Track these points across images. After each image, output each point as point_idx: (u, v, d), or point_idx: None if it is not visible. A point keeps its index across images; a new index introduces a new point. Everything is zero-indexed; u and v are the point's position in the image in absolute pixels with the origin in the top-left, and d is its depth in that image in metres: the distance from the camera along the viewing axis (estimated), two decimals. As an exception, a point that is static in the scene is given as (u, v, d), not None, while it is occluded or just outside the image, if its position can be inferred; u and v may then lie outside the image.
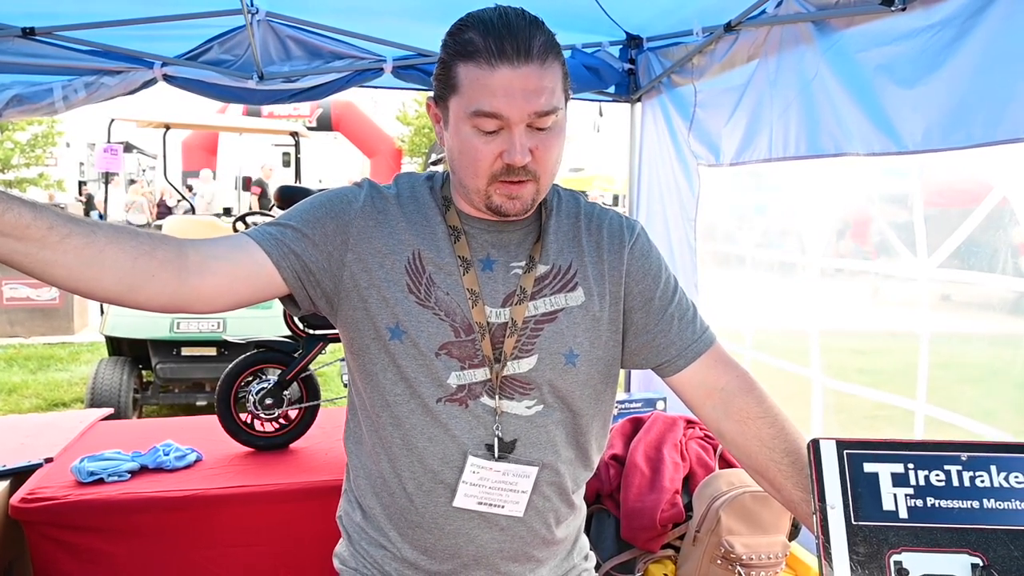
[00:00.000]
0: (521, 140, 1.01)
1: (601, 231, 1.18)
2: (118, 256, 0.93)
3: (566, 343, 1.12)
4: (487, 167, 1.04)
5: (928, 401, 1.88)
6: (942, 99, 1.62)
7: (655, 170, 2.99)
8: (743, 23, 2.25)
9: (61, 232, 0.89)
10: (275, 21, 2.57)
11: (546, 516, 1.16)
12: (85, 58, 2.52)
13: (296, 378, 2.50)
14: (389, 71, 2.70)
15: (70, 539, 2.08)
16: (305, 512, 2.23)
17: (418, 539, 1.14)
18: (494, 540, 1.13)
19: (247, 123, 9.02)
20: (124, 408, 4.61)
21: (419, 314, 1.09)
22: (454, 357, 1.09)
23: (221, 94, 2.70)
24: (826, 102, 1.98)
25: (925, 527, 0.93)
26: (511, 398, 1.11)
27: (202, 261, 1.01)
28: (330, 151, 15.90)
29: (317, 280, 1.10)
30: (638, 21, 2.70)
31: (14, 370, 6.68)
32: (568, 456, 1.16)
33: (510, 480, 1.11)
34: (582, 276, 1.15)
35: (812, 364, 2.28)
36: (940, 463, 0.96)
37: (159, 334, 4.68)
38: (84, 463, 2.22)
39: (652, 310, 1.18)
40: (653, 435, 2.12)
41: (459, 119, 1.04)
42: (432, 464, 1.11)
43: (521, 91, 1.00)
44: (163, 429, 2.71)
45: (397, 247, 1.10)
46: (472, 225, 1.13)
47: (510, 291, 1.11)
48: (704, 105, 2.59)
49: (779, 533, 1.84)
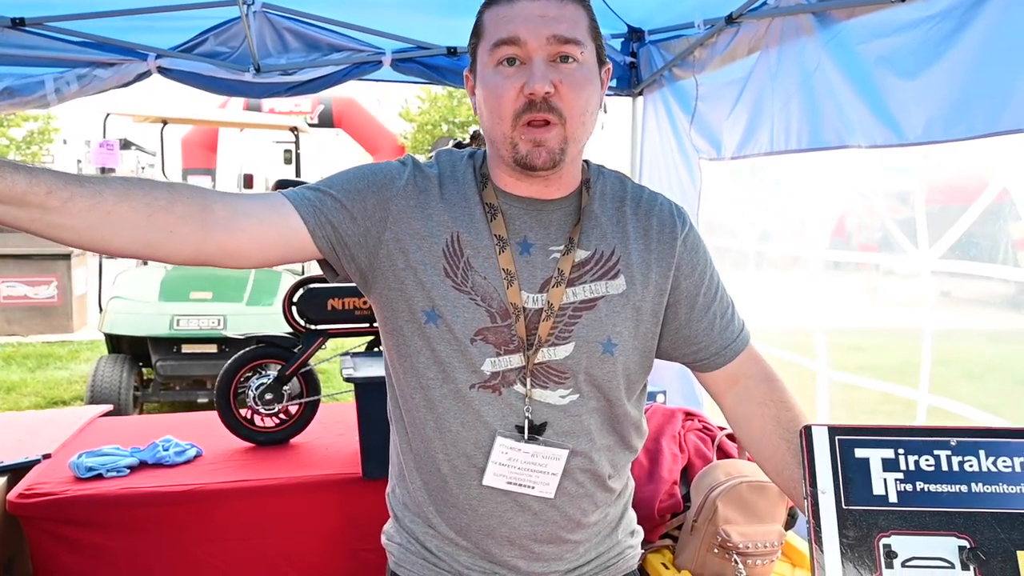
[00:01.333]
0: (540, 68, 0.99)
1: (651, 218, 1.14)
2: (129, 215, 0.91)
3: (605, 332, 1.09)
4: (510, 104, 1.00)
5: (931, 393, 1.90)
6: (943, 90, 1.62)
7: (657, 164, 2.99)
8: (744, 15, 2.25)
9: (61, 196, 0.86)
10: (272, 12, 2.53)
11: (580, 502, 1.14)
12: (77, 50, 2.49)
13: (296, 373, 2.49)
14: (388, 64, 2.68)
15: (69, 534, 2.07)
16: (305, 507, 2.23)
17: (454, 518, 1.14)
18: (527, 523, 1.12)
19: (247, 118, 8.99)
20: (124, 406, 4.60)
21: (455, 299, 1.06)
22: (489, 343, 1.07)
23: (217, 87, 2.66)
24: (827, 94, 1.97)
25: (914, 511, 0.95)
26: (544, 386, 1.09)
27: (230, 216, 0.98)
28: (332, 148, 15.87)
29: (352, 254, 1.08)
30: (639, 14, 2.69)
31: (12, 368, 6.67)
32: (604, 443, 1.15)
33: (540, 462, 1.09)
34: (625, 263, 1.11)
35: (817, 356, 2.28)
36: (930, 448, 0.98)
37: (159, 331, 4.66)
38: (82, 458, 2.22)
39: (696, 306, 1.16)
40: (652, 427, 2.14)
41: (484, 64, 1.04)
42: (465, 448, 1.10)
43: (539, 16, 1.00)
44: (162, 425, 2.70)
45: (436, 229, 1.08)
46: (510, 203, 1.10)
47: (548, 276, 1.08)
48: (705, 98, 2.59)
49: (775, 522, 1.85)
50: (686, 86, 2.68)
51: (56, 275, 7.72)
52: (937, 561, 0.93)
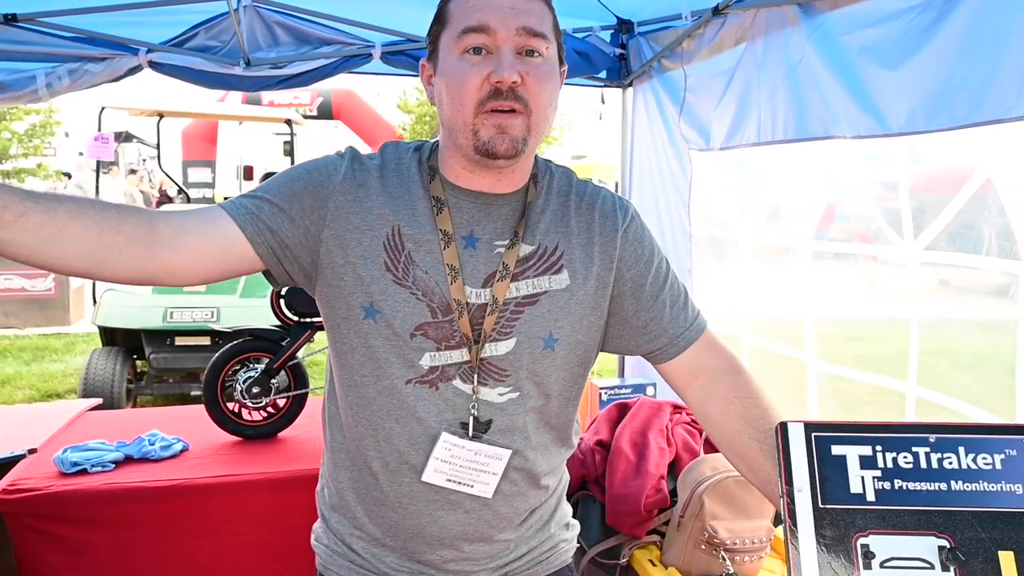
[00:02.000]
0: (509, 58, 0.99)
1: (593, 211, 1.14)
2: (80, 233, 0.91)
3: (546, 327, 1.09)
4: (474, 92, 1.00)
5: (920, 383, 1.89)
6: (925, 80, 1.61)
7: (648, 155, 2.98)
8: (730, 6, 2.24)
9: (16, 211, 0.87)
10: (262, 7, 2.54)
11: (514, 501, 1.15)
12: (69, 45, 2.49)
13: (284, 366, 2.49)
14: (378, 57, 2.67)
15: (52, 530, 2.06)
16: (292, 501, 2.22)
17: (383, 517, 1.13)
18: (457, 522, 1.12)
19: (244, 111, 8.97)
20: (117, 398, 4.60)
21: (395, 293, 1.06)
22: (430, 338, 1.06)
23: (208, 81, 2.67)
24: (812, 85, 1.97)
25: (892, 510, 0.93)
26: (484, 383, 1.08)
27: (173, 235, 0.98)
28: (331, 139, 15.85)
29: (294, 255, 1.07)
30: (628, 5, 2.68)
31: (8, 361, 6.67)
32: (539, 441, 1.15)
33: (482, 460, 1.09)
34: (568, 258, 1.11)
35: (808, 348, 2.27)
36: (908, 445, 0.96)
37: (152, 324, 4.66)
38: (67, 453, 2.21)
39: (643, 296, 1.15)
40: (639, 421, 2.12)
41: (448, 52, 1.03)
42: (398, 444, 1.09)
43: (509, 7, 1.00)
44: (151, 419, 2.70)
45: (376, 223, 1.06)
46: (457, 196, 1.09)
47: (491, 271, 1.08)
48: (694, 89, 2.58)
49: (763, 518, 1.84)
50: (675, 77, 2.67)
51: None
52: (916, 561, 0.91)
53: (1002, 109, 1.45)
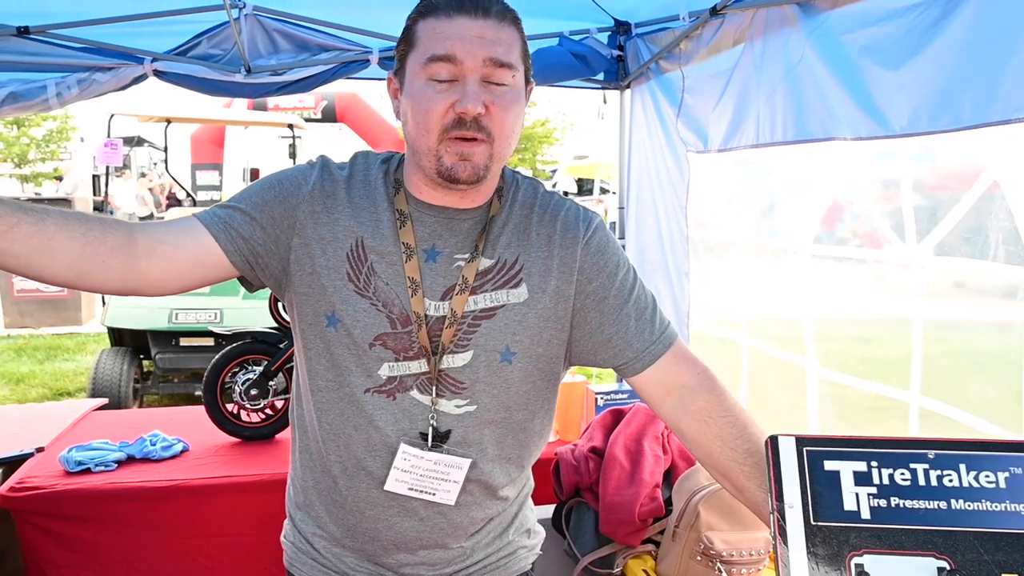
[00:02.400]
0: (474, 88, 1.00)
1: (555, 223, 1.14)
2: (67, 243, 0.95)
3: (503, 341, 1.10)
4: (438, 119, 1.01)
5: (924, 392, 1.83)
6: (929, 80, 1.57)
7: (646, 157, 2.95)
8: (728, 7, 2.21)
9: (8, 222, 0.91)
10: (262, 15, 2.59)
11: (469, 511, 1.16)
12: (78, 55, 2.58)
13: (281, 369, 2.51)
14: (375, 62, 2.71)
15: (56, 528, 2.11)
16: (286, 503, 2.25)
17: (342, 519, 1.16)
18: (412, 529, 1.14)
19: (246, 116, 9.06)
20: (124, 397, 4.66)
21: (356, 303, 1.08)
22: (388, 348, 1.08)
23: (210, 88, 2.72)
24: (812, 86, 1.94)
25: (889, 528, 0.89)
26: (442, 395, 1.10)
27: (151, 246, 1.02)
28: (335, 142, 15.92)
29: (266, 263, 1.10)
30: (625, 6, 2.67)
31: (23, 360, 6.78)
32: (497, 455, 1.15)
33: (442, 470, 1.11)
34: (527, 272, 1.11)
35: (807, 353, 2.23)
36: (905, 461, 0.92)
37: (158, 325, 4.73)
38: (72, 453, 2.26)
39: (606, 309, 1.13)
40: (634, 427, 2.07)
41: (414, 74, 1.04)
42: (356, 451, 1.11)
43: (477, 38, 1.01)
44: (154, 419, 2.74)
45: (341, 234, 1.09)
46: (421, 210, 1.10)
47: (451, 284, 1.09)
48: (692, 91, 2.55)
49: (761, 529, 1.78)
50: (673, 79, 2.65)
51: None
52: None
53: (1010, 109, 1.40)
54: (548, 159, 22.89)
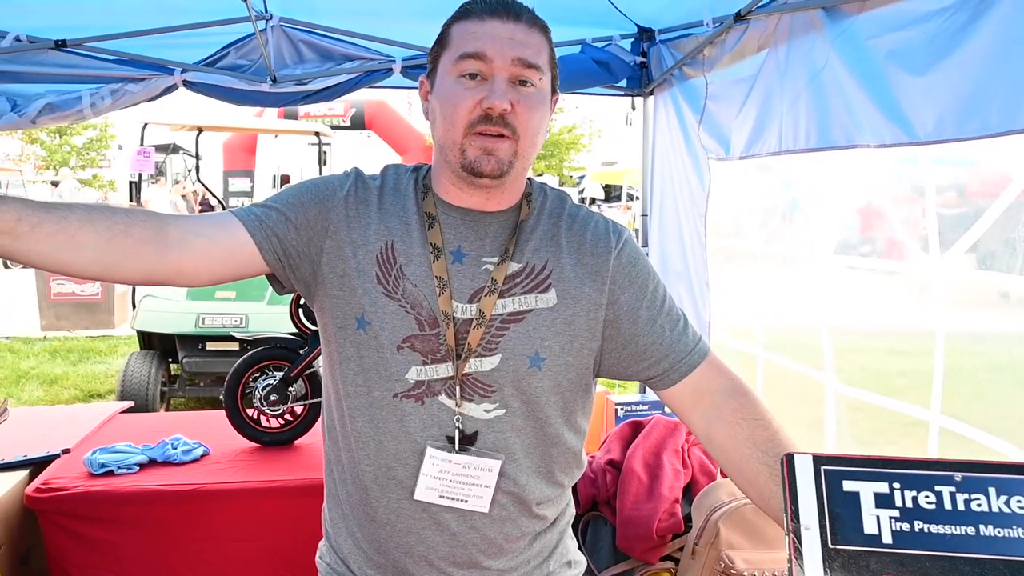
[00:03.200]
0: (502, 86, 1.04)
1: (584, 233, 1.15)
2: (91, 238, 0.97)
3: (532, 345, 1.09)
4: (465, 114, 1.04)
5: (944, 411, 1.77)
6: (956, 86, 1.53)
7: (668, 164, 2.93)
8: (753, 12, 2.18)
9: (30, 222, 0.93)
10: (288, 26, 2.65)
11: (503, 526, 1.12)
12: (111, 67, 2.67)
13: (301, 375, 2.53)
14: (398, 71, 2.74)
15: (79, 528, 2.15)
16: (307, 508, 2.23)
17: (373, 534, 1.14)
18: (444, 543, 1.11)
19: (276, 124, 9.21)
20: (152, 400, 4.74)
21: (385, 305, 1.08)
22: (416, 351, 1.08)
23: (237, 98, 2.78)
24: (836, 92, 1.89)
25: (912, 554, 0.85)
26: (470, 399, 1.08)
27: (183, 237, 1.03)
28: (363, 149, 16.09)
29: (296, 265, 1.12)
30: (648, 13, 2.65)
31: (57, 362, 6.94)
32: (528, 466, 1.12)
33: (472, 473, 1.09)
34: (557, 277, 1.11)
35: (826, 367, 2.19)
36: (930, 483, 0.87)
37: (185, 329, 4.80)
38: (96, 455, 2.30)
39: (640, 320, 1.14)
40: (653, 440, 2.04)
41: (445, 72, 1.08)
42: (386, 459, 1.10)
43: (507, 38, 1.05)
44: (175, 423, 2.78)
45: (372, 238, 1.11)
46: (448, 213, 1.12)
47: (479, 286, 1.09)
48: (715, 97, 2.52)
49: (785, 549, 1.75)
50: (696, 85, 2.61)
51: (100, 273, 7.98)
52: (940, 612, 0.82)
53: None
54: (576, 165, 22.87)
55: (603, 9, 2.50)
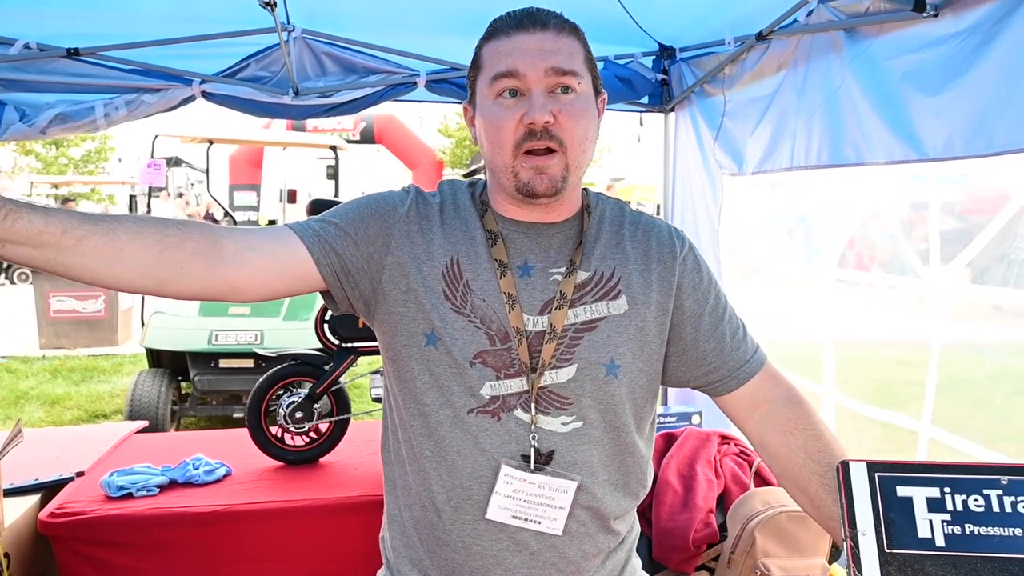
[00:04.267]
0: (540, 99, 1.02)
1: (649, 239, 1.15)
2: (140, 251, 0.94)
3: (607, 353, 1.08)
4: (511, 135, 1.03)
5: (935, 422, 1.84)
6: (965, 106, 1.59)
7: (687, 180, 2.98)
8: (774, 32, 2.23)
9: (76, 235, 0.90)
10: (311, 38, 2.63)
11: (581, 543, 1.10)
12: (126, 76, 2.60)
13: (327, 391, 2.49)
14: (422, 85, 2.72)
15: (98, 555, 2.07)
16: (334, 528, 2.21)
17: (445, 558, 1.10)
18: (523, 564, 1.08)
19: (289, 137, 9.19)
20: (162, 420, 4.67)
21: (454, 321, 1.07)
22: (489, 366, 1.06)
23: (258, 110, 2.75)
24: (850, 111, 1.95)
25: (964, 556, 0.88)
26: (547, 412, 1.07)
27: (238, 251, 1.01)
28: (373, 163, 16.14)
29: (355, 281, 1.10)
30: (671, 31, 2.69)
31: (58, 381, 6.85)
32: (606, 479, 1.11)
33: (547, 494, 1.06)
34: (626, 284, 1.11)
35: (825, 380, 2.23)
36: (979, 487, 0.91)
37: (197, 346, 4.74)
38: (114, 477, 2.23)
39: (702, 326, 1.14)
40: (686, 451, 2.08)
41: (483, 96, 1.07)
42: (461, 478, 1.08)
43: (536, 50, 1.04)
44: (194, 442, 2.72)
45: (436, 253, 1.10)
46: (510, 228, 1.11)
47: (548, 298, 1.08)
48: (732, 115, 2.58)
49: (818, 555, 1.78)
50: (715, 102, 2.67)
51: (103, 290, 7.91)
52: (992, 612, 0.85)
53: None
54: (585, 181, 23.04)
55: (626, 27, 2.52)
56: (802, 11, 2.07)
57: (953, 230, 1.85)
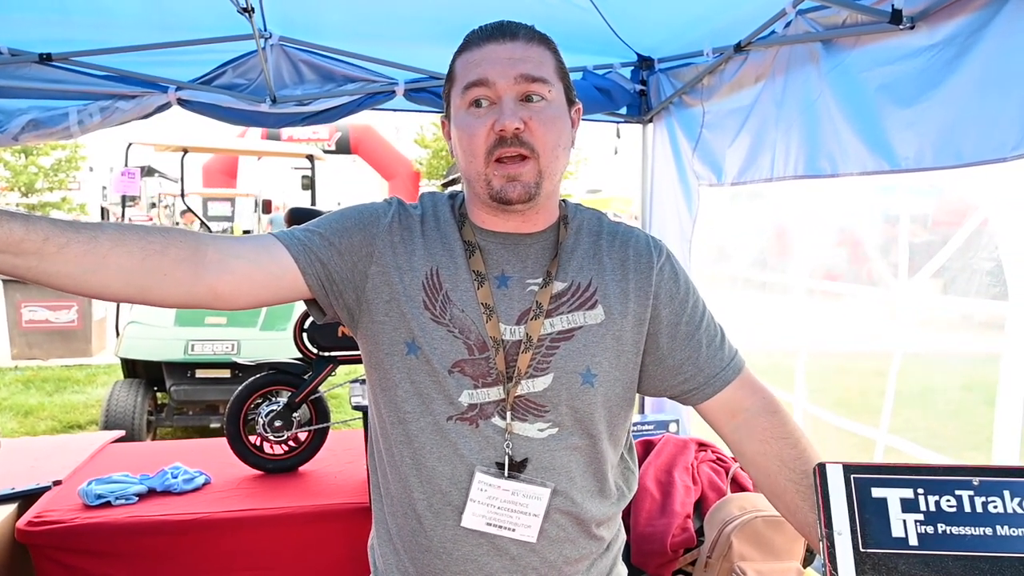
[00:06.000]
0: (510, 106, 1.03)
1: (627, 249, 1.16)
2: (123, 259, 0.93)
3: (583, 362, 1.09)
4: (482, 143, 1.04)
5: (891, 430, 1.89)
6: (937, 118, 1.62)
7: (664, 190, 3.01)
8: (753, 43, 2.26)
9: (58, 242, 0.88)
10: (288, 46, 2.61)
11: (562, 547, 1.11)
12: (100, 83, 2.57)
13: (306, 400, 2.49)
14: (401, 94, 2.73)
15: (76, 563, 2.07)
16: (314, 536, 2.21)
17: (428, 564, 1.11)
18: (504, 569, 1.09)
19: (264, 146, 9.12)
20: (138, 430, 4.61)
21: (433, 331, 1.08)
22: (467, 375, 1.07)
23: (234, 118, 2.73)
24: (827, 122, 1.98)
25: (936, 555, 0.90)
26: (524, 419, 1.08)
27: (221, 260, 1.00)
28: (349, 174, 16.06)
29: (340, 291, 1.10)
30: (650, 43, 2.72)
31: (31, 392, 6.72)
32: (584, 485, 1.12)
33: (520, 501, 1.07)
34: (603, 294, 1.12)
35: (796, 389, 2.28)
36: (951, 488, 0.93)
37: (173, 356, 4.69)
38: (92, 486, 2.22)
39: (678, 335, 1.15)
40: (664, 458, 2.10)
41: (457, 108, 1.08)
42: (441, 484, 1.08)
43: (506, 59, 1.05)
44: (173, 451, 2.71)
45: (417, 264, 1.11)
46: (487, 239, 1.12)
47: (525, 308, 1.09)
48: (711, 126, 2.60)
49: (792, 559, 1.80)
50: (693, 113, 2.70)
51: (76, 299, 7.79)
52: (962, 609, 0.87)
53: (1006, 148, 1.45)
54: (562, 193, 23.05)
55: (605, 37, 2.55)
56: (780, 23, 2.11)
57: (923, 242, 1.89)
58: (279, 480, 2.44)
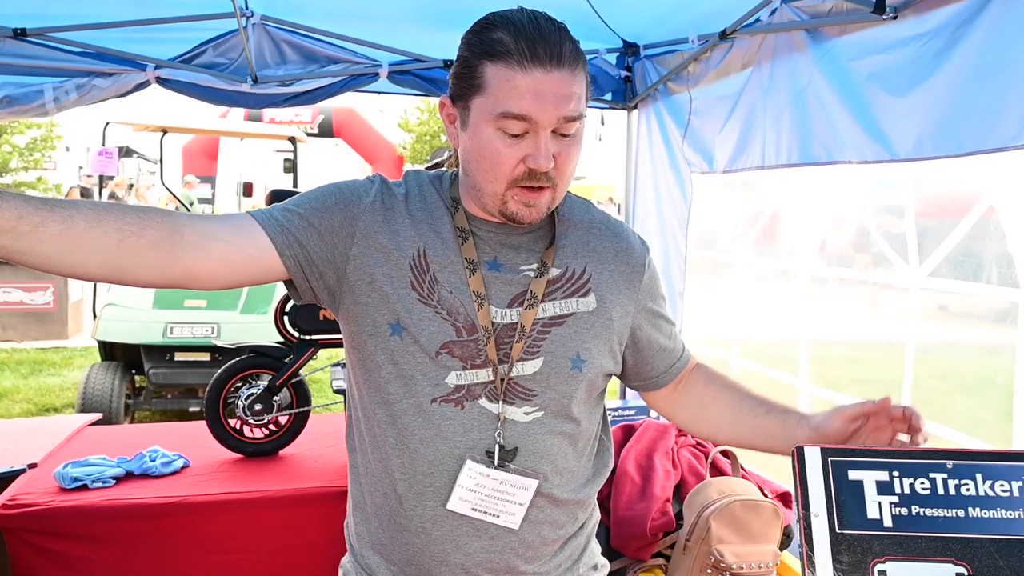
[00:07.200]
0: (547, 145, 1.00)
1: (620, 242, 1.17)
2: (99, 240, 0.91)
3: (574, 348, 1.10)
4: (508, 171, 1.01)
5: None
6: (933, 108, 1.63)
7: (650, 177, 3.00)
8: (738, 31, 2.27)
9: (32, 221, 0.86)
10: (270, 25, 2.57)
11: (539, 528, 1.12)
12: (77, 60, 2.52)
13: (286, 384, 2.47)
14: (385, 76, 2.70)
15: (51, 546, 2.05)
16: (293, 519, 2.20)
17: (406, 544, 1.11)
18: (482, 549, 1.09)
19: (246, 128, 8.99)
20: (115, 413, 4.56)
21: (421, 312, 1.06)
22: (455, 356, 1.06)
23: (215, 97, 2.69)
24: (819, 110, 1.99)
25: (910, 536, 0.93)
26: (511, 403, 1.08)
27: (198, 241, 0.98)
28: (331, 157, 15.92)
29: (320, 271, 1.08)
30: (635, 29, 2.71)
31: (5, 375, 6.62)
32: (566, 468, 1.13)
33: (508, 491, 1.08)
34: (596, 282, 1.13)
35: (801, 374, 2.29)
36: (925, 471, 0.96)
37: (152, 339, 4.63)
38: (68, 469, 2.19)
39: (655, 327, 1.20)
40: (644, 443, 2.12)
41: (482, 120, 1.02)
42: (423, 466, 1.08)
43: (552, 95, 0.98)
44: (151, 434, 2.68)
45: (403, 244, 1.08)
46: (480, 227, 1.11)
47: (518, 292, 1.09)
48: (699, 113, 2.61)
49: (769, 542, 1.83)
50: (680, 100, 2.70)
51: (52, 281, 7.68)
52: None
53: (1008, 137, 1.46)
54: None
55: (590, 22, 2.53)
56: (765, 10, 2.11)
57: (925, 230, 1.90)
58: (259, 464, 2.43)
